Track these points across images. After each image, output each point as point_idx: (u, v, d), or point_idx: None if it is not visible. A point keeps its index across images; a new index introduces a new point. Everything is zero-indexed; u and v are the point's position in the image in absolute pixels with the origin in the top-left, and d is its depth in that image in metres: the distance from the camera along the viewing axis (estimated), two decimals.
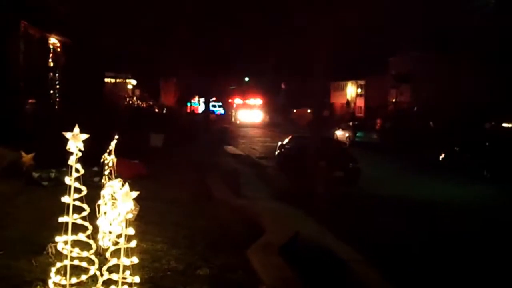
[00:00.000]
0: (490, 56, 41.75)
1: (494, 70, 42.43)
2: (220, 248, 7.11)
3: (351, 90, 66.14)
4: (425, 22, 41.95)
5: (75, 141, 4.17)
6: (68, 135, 4.18)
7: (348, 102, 65.78)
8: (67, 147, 4.18)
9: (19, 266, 5.62)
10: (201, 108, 56.77)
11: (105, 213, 5.58)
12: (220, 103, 65.47)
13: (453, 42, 43.38)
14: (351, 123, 36.51)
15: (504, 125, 40.22)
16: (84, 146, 4.25)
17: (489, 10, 40.63)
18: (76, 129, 4.20)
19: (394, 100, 50.60)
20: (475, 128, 35.38)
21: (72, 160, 4.21)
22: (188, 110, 56.41)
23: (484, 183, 19.91)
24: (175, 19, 26.11)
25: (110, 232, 5.57)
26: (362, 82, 62.15)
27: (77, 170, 4.24)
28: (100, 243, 5.73)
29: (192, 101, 60.69)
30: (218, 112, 61.70)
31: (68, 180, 4.26)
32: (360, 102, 62.82)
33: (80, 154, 4.22)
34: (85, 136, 4.22)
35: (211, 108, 59.97)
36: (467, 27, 41.61)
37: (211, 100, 61.34)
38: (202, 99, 56.39)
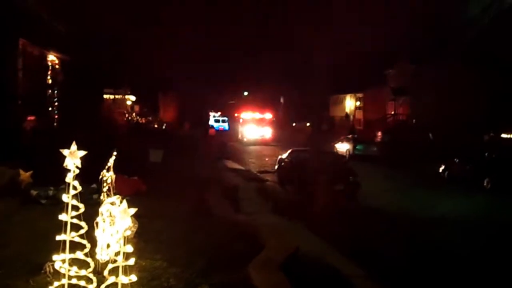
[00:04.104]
0: (488, 68, 41.90)
1: (492, 81, 42.51)
2: (220, 265, 7.03)
3: (350, 103, 66.23)
4: (422, 35, 42.19)
5: (73, 158, 4.14)
6: (65, 152, 4.15)
7: (347, 115, 65.81)
8: (64, 164, 4.16)
9: (17, 286, 5.55)
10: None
11: (103, 230, 5.54)
12: (225, 118, 62.78)
13: (450, 54, 43.53)
14: (350, 136, 36.47)
15: (503, 136, 40.23)
16: (83, 163, 4.22)
17: (487, 22, 40.76)
18: (73, 146, 4.17)
19: (392, 112, 50.67)
20: (474, 139, 35.35)
21: (69, 178, 4.18)
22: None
23: (484, 194, 19.84)
24: (173, 32, 26.24)
25: (108, 246, 5.52)
26: (361, 95, 62.23)
27: (74, 188, 4.21)
28: (98, 257, 5.67)
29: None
30: (220, 128, 58.24)
31: (65, 197, 4.23)
32: (359, 115, 62.85)
33: (77, 171, 4.19)
34: (82, 153, 4.19)
35: (212, 123, 58.79)
36: (464, 39, 41.80)
37: (215, 115, 60.37)
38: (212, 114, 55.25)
